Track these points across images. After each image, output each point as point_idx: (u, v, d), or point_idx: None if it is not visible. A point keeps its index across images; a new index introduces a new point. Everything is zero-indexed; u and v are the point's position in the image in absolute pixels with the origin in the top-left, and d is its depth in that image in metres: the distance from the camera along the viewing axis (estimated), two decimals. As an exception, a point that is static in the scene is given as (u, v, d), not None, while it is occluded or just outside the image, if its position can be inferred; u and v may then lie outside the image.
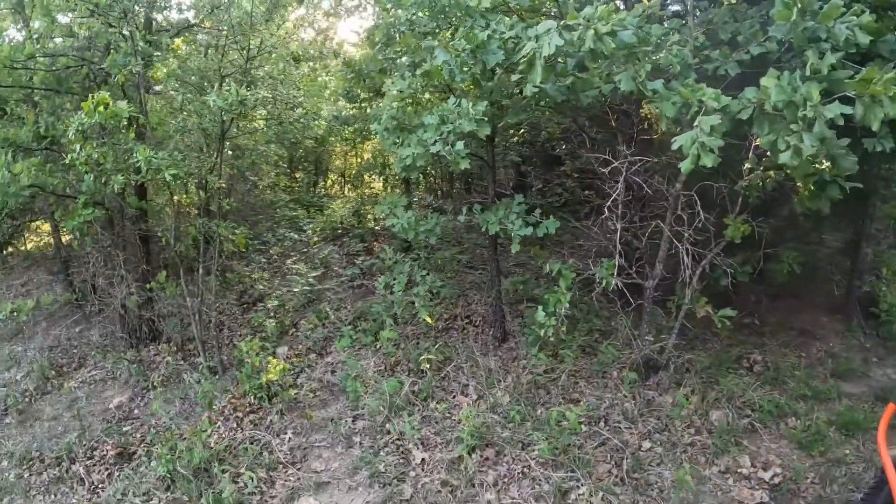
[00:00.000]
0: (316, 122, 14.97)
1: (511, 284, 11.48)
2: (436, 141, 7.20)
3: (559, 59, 6.75)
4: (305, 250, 15.20)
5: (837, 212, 7.97)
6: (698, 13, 7.69)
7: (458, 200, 14.21)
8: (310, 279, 12.81)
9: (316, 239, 15.68)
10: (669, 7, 9.19)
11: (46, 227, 16.17)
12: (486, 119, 7.11)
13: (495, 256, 9.96)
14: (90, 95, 8.11)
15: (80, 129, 7.93)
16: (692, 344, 9.48)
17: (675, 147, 6.03)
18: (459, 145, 7.12)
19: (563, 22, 6.13)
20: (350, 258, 14.64)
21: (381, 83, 13.73)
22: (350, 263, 14.08)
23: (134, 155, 8.41)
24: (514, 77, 6.99)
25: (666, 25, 7.31)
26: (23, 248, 17.36)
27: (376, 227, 16.31)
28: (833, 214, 7.86)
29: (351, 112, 16.01)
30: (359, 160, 21.44)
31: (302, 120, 13.48)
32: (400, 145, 7.80)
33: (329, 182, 22.93)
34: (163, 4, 10.12)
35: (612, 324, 10.13)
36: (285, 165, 20.00)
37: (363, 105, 14.59)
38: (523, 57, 6.25)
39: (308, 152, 20.25)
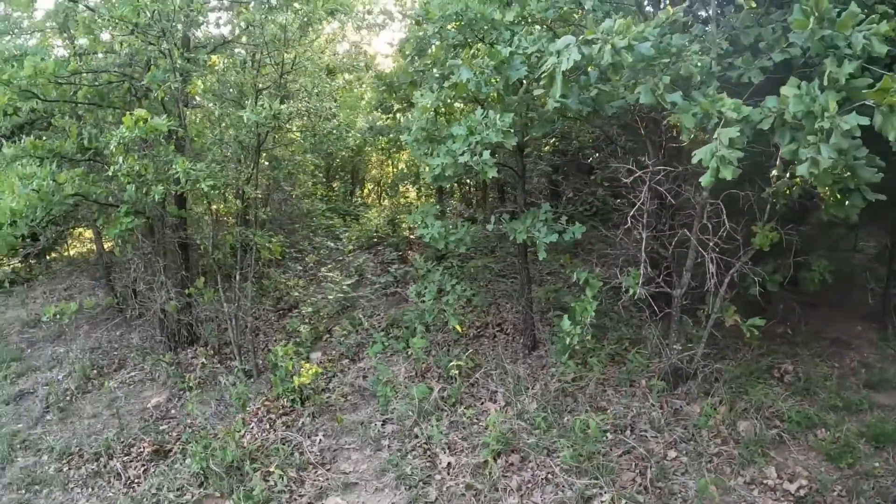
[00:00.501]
0: (350, 134, 15.13)
1: (542, 293, 11.56)
2: (464, 151, 7.31)
3: (582, 73, 6.83)
4: (341, 258, 15.43)
5: (872, 218, 7.87)
6: (721, 19, 7.64)
7: (490, 210, 14.30)
8: (344, 287, 13.00)
9: (351, 247, 15.88)
10: (697, 12, 9.17)
11: (89, 233, 16.58)
12: (512, 130, 7.20)
13: (525, 265, 10.04)
14: (128, 112, 8.37)
15: (121, 142, 8.20)
16: (722, 353, 9.41)
17: (694, 160, 6.05)
18: (486, 155, 7.23)
19: (582, 37, 6.18)
20: (384, 266, 14.86)
21: (412, 94, 14.02)
22: (384, 271, 14.29)
23: (173, 167, 8.68)
24: (537, 91, 7.07)
25: (690, 33, 7.33)
26: (66, 253, 17.79)
27: (410, 236, 16.50)
28: (868, 221, 7.75)
29: (385, 123, 16.19)
30: (394, 170, 21.61)
31: (335, 132, 13.68)
32: (430, 155, 7.90)
33: (365, 191, 23.12)
34: (199, 20, 10.35)
35: (642, 332, 10.10)
36: (322, 175, 20.22)
37: (397, 115, 14.76)
38: (545, 71, 6.31)
39: (344, 162, 20.50)
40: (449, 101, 8.06)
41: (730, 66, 6.98)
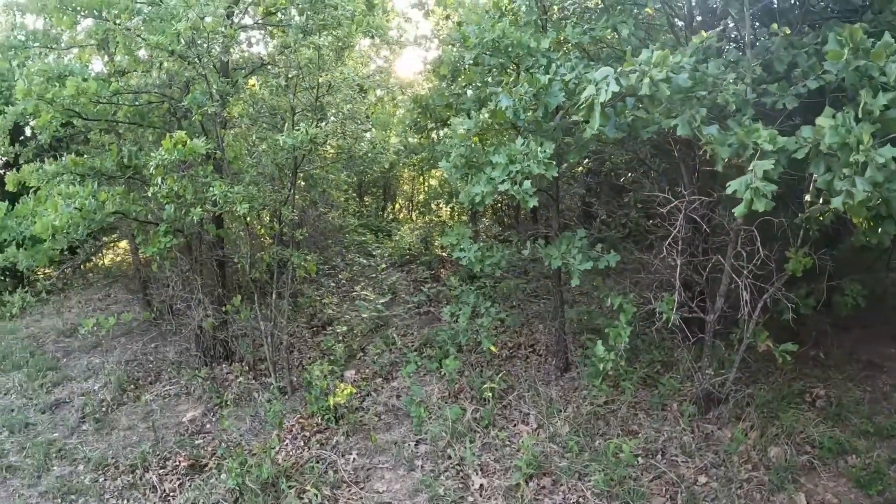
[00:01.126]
0: (383, 155, 15.23)
1: (574, 314, 11.57)
2: (503, 180, 7.34)
3: (619, 100, 6.88)
4: (374, 276, 15.56)
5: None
6: (755, 44, 7.65)
7: (523, 231, 14.33)
8: (378, 305, 13.10)
9: (384, 265, 15.97)
10: (730, 34, 9.19)
11: (124, 243, 16.83)
12: (553, 161, 7.24)
13: (559, 288, 10.05)
14: (167, 133, 8.53)
15: (160, 164, 8.38)
16: (754, 377, 9.36)
17: (728, 191, 6.03)
18: (527, 184, 7.23)
19: (619, 69, 6.20)
20: (416, 285, 14.97)
21: (447, 116, 14.10)
22: (417, 290, 14.39)
23: (211, 189, 8.85)
24: (575, 118, 7.13)
25: (724, 58, 7.35)
26: (101, 263, 18.06)
27: (443, 255, 16.56)
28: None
29: (418, 141, 16.33)
30: (426, 186, 21.68)
31: (370, 154, 13.79)
32: (468, 181, 7.96)
33: (397, 207, 23.25)
34: (232, 45, 10.48)
35: (673, 356, 10.08)
36: (354, 191, 20.37)
37: (430, 135, 14.84)
38: (583, 102, 6.32)
39: (376, 178, 20.62)
40: (486, 126, 8.11)
41: (764, 91, 6.96)
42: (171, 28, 8.95)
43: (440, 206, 20.46)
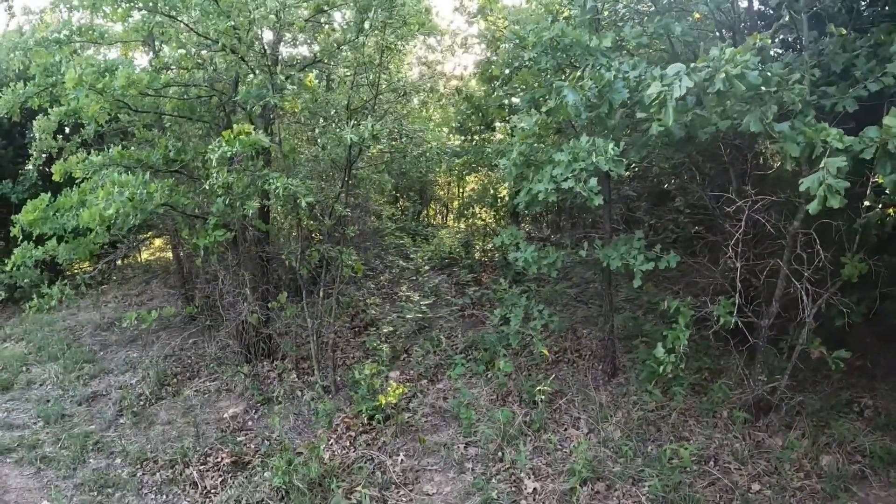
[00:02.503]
0: (443, 157, 15.14)
1: (620, 319, 11.43)
2: (567, 178, 7.25)
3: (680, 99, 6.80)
4: (414, 278, 15.55)
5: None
6: (812, 45, 7.60)
7: (566, 233, 14.26)
8: (423, 307, 13.02)
9: (427, 268, 15.95)
10: (782, 37, 9.15)
11: (158, 241, 16.86)
12: (622, 159, 7.13)
13: (609, 291, 9.94)
14: (217, 127, 8.45)
15: (222, 156, 8.29)
16: (801, 385, 9.22)
17: (802, 189, 6.01)
18: (593, 182, 7.14)
19: (692, 65, 6.15)
20: (459, 288, 14.92)
21: (493, 118, 14.06)
22: (460, 293, 14.34)
23: (269, 182, 8.75)
24: (640, 115, 7.03)
25: (780, 59, 7.32)
26: (138, 259, 18.14)
27: (484, 259, 16.50)
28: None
29: (458, 144, 16.26)
30: (461, 191, 21.65)
31: (427, 154, 13.74)
32: (527, 180, 7.87)
33: (432, 211, 23.23)
34: (286, 34, 10.42)
35: (721, 362, 9.98)
36: (391, 194, 20.32)
37: (474, 138, 14.77)
38: (654, 98, 6.25)
39: (413, 181, 20.59)
40: (545, 124, 8.02)
41: (823, 94, 6.96)
42: (225, 22, 8.89)
43: (482, 209, 20.30)
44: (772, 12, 9.14)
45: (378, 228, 17.67)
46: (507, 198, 16.24)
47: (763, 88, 6.31)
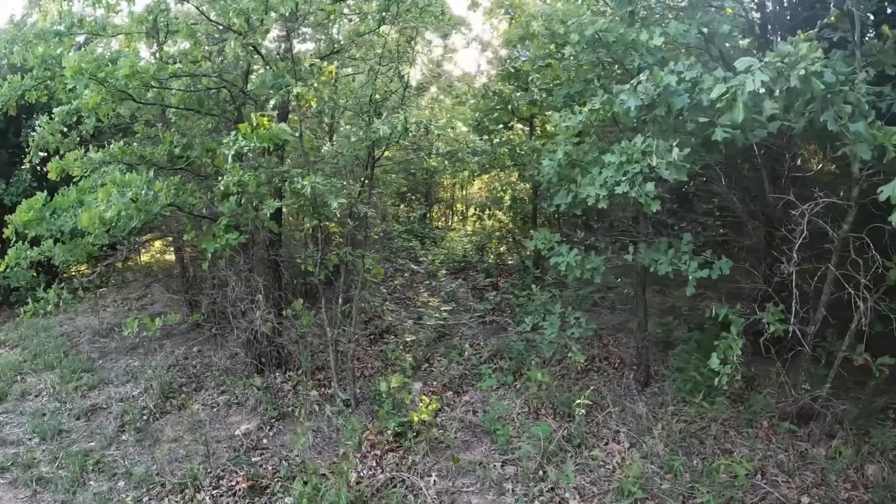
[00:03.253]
0: (473, 157, 14.69)
1: (650, 326, 10.95)
2: (619, 181, 6.88)
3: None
4: (428, 282, 15.11)
5: None
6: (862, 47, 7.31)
7: (600, 236, 13.85)
8: (444, 313, 12.56)
9: (444, 271, 15.56)
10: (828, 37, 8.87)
11: (158, 243, 16.32)
12: (686, 165, 6.64)
13: (643, 297, 9.63)
14: (229, 120, 7.93)
15: (238, 151, 7.70)
16: (836, 393, 8.77)
17: (882, 197, 5.73)
18: (649, 186, 6.77)
19: (766, 60, 5.83)
20: (476, 293, 14.55)
21: (523, 115, 13.60)
22: (479, 298, 13.96)
23: (294, 181, 8.16)
24: (702, 119, 6.55)
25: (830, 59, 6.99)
26: (138, 261, 17.64)
27: (499, 262, 16.09)
28: None
29: (482, 145, 15.76)
30: (465, 193, 21.32)
31: (459, 155, 13.34)
32: (568, 181, 7.59)
33: (435, 213, 22.88)
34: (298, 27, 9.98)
35: (752, 369, 9.53)
36: (397, 196, 20.00)
37: (491, 137, 14.35)
38: (722, 93, 5.92)
39: (419, 183, 20.24)
40: (591, 124, 7.57)
41: (879, 95, 6.62)
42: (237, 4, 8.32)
43: (499, 211, 19.80)
44: (809, 11, 8.87)
45: (386, 231, 17.17)
46: (526, 199, 15.72)
47: (837, 88, 6.00)
